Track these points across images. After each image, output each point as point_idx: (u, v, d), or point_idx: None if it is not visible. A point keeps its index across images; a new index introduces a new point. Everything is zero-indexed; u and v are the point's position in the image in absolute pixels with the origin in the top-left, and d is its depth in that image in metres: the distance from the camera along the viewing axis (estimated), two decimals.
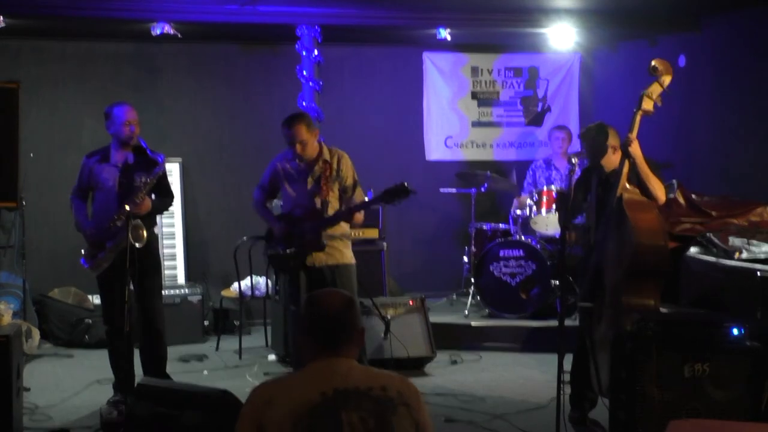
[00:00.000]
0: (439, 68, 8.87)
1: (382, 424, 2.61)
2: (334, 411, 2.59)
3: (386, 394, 2.66)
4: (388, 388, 2.67)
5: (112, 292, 5.32)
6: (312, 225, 5.34)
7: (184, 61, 8.37)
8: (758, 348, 4.06)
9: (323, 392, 2.61)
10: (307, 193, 5.45)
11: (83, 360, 6.85)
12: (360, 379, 2.67)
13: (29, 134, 7.48)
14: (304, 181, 5.47)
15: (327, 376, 2.66)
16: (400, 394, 2.68)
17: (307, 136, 5.38)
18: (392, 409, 2.64)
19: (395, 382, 2.71)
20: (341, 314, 2.74)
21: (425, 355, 6.48)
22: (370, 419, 2.61)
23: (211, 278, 8.15)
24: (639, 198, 4.74)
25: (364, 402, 2.62)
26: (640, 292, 4.62)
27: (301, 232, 5.38)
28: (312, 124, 5.49)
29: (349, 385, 2.64)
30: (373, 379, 2.70)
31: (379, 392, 2.65)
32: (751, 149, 7.38)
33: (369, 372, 2.75)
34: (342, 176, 5.48)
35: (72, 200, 5.55)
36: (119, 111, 5.39)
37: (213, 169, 8.45)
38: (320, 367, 2.69)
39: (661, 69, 4.75)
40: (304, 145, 5.39)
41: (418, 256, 8.84)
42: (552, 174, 7.75)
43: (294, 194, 5.51)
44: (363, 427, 2.59)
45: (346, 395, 2.62)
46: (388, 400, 2.65)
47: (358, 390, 2.64)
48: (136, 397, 3.96)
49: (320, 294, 2.89)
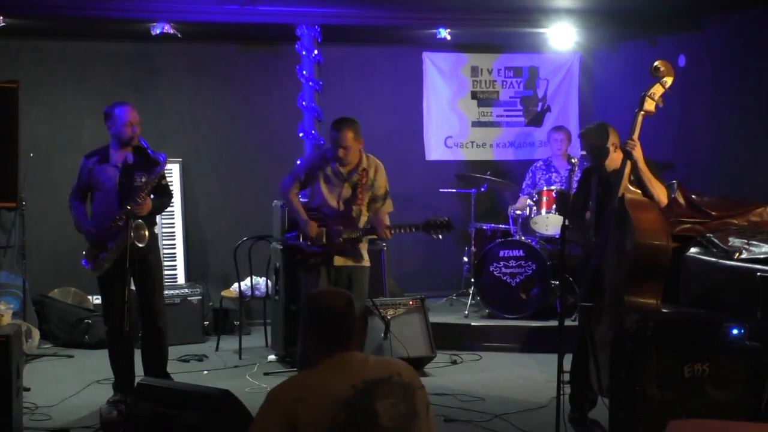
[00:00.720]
0: (439, 68, 8.87)
1: (409, 407, 2.78)
2: (369, 401, 2.71)
3: (403, 379, 2.81)
4: (402, 373, 2.83)
5: (112, 292, 5.33)
6: (345, 230, 5.45)
7: (184, 61, 8.37)
8: (758, 348, 4.07)
9: (354, 385, 2.71)
10: (340, 197, 5.52)
11: (83, 360, 6.85)
12: (378, 368, 2.81)
13: (29, 134, 7.47)
14: (340, 184, 5.54)
15: (351, 369, 2.77)
16: (412, 378, 2.85)
17: (353, 143, 5.45)
18: (412, 392, 2.81)
19: (404, 368, 2.87)
20: (345, 310, 2.86)
21: (425, 355, 6.48)
22: (401, 404, 2.76)
23: (211, 278, 8.14)
24: (641, 198, 4.74)
25: (391, 389, 2.77)
26: (642, 291, 4.63)
27: (330, 233, 5.47)
28: (359, 132, 5.51)
29: (374, 375, 2.77)
30: (387, 367, 2.84)
31: (398, 378, 2.80)
32: (751, 149, 7.37)
33: (382, 361, 2.90)
34: (376, 186, 5.57)
35: (70, 201, 5.54)
36: (120, 111, 5.39)
37: (213, 169, 8.45)
38: (340, 361, 2.79)
39: (663, 70, 4.75)
40: (347, 151, 5.45)
41: (418, 256, 8.84)
42: (552, 175, 7.74)
43: (327, 194, 5.56)
44: (396, 412, 2.74)
45: (376, 385, 2.74)
46: (407, 384, 2.81)
47: (382, 379, 2.77)
48: (136, 397, 3.96)
49: (321, 294, 3.06)
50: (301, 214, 5.55)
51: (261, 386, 5.99)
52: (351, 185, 5.52)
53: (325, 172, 5.55)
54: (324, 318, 2.84)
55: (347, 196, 5.53)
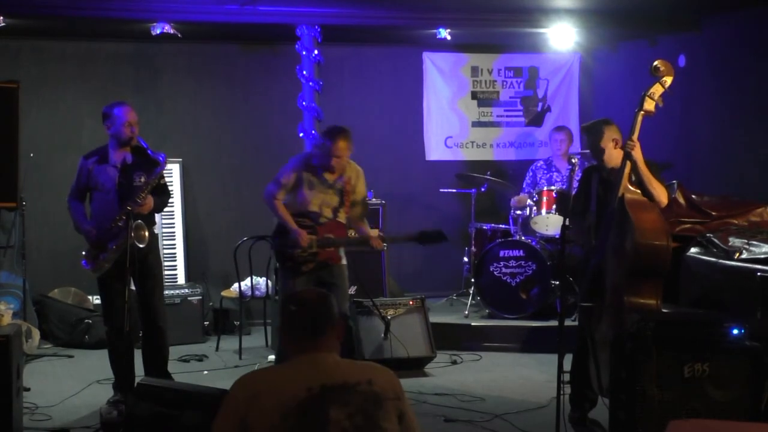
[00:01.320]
0: (439, 68, 8.87)
1: (368, 419, 2.65)
2: (323, 407, 2.61)
3: (372, 388, 2.69)
4: (374, 381, 2.71)
5: (112, 292, 5.33)
6: (336, 239, 5.56)
7: (184, 61, 8.37)
8: (758, 348, 4.06)
9: (310, 387, 2.63)
10: (325, 203, 5.58)
11: (83, 360, 6.85)
12: (347, 373, 2.71)
13: (29, 134, 7.47)
14: (325, 191, 5.59)
15: (313, 370, 2.68)
16: (385, 388, 2.72)
17: (346, 152, 5.50)
18: (379, 403, 2.68)
19: (379, 375, 2.75)
20: (318, 309, 2.80)
21: (425, 355, 6.48)
22: (358, 415, 2.64)
23: (211, 278, 8.14)
24: (641, 198, 4.74)
25: (351, 398, 2.65)
26: (642, 292, 4.63)
27: (323, 244, 5.54)
28: (351, 141, 5.54)
29: (336, 380, 2.67)
30: (360, 372, 2.74)
31: (366, 387, 2.69)
32: (751, 149, 7.37)
33: (354, 366, 2.80)
34: (357, 191, 5.67)
35: (69, 202, 5.53)
36: (119, 111, 5.38)
37: (213, 169, 8.45)
38: (305, 361, 2.72)
39: (663, 70, 4.75)
40: (340, 161, 5.50)
41: (418, 256, 8.84)
42: (553, 175, 7.74)
43: (312, 201, 5.60)
44: (350, 423, 2.62)
45: (334, 391, 2.64)
46: (375, 394, 2.69)
47: (345, 385, 2.67)
48: (136, 397, 3.96)
49: (298, 292, 3.01)
50: (290, 223, 5.56)
51: None
52: (336, 192, 5.57)
53: (310, 179, 5.58)
54: (296, 314, 2.79)
55: (334, 203, 5.61)
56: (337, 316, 2.85)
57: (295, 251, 5.53)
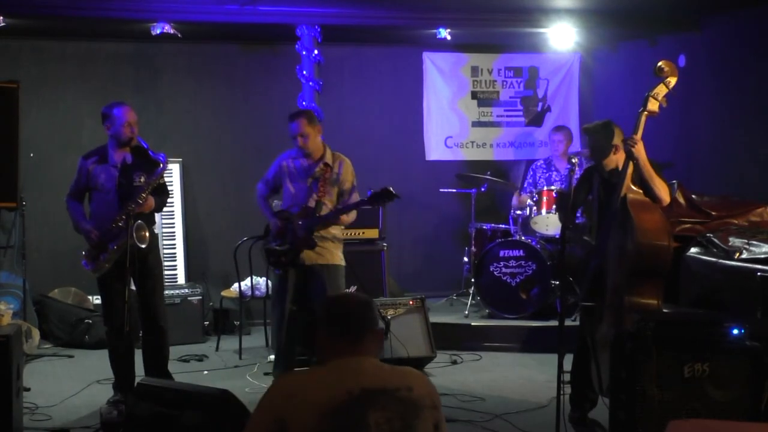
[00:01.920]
0: (439, 68, 8.87)
1: (406, 426, 2.64)
2: (362, 410, 2.61)
3: (412, 395, 2.68)
4: (413, 388, 2.70)
5: (112, 292, 5.33)
6: (304, 223, 5.49)
7: (184, 61, 8.37)
8: (758, 348, 4.06)
9: (350, 390, 2.62)
10: (306, 191, 5.58)
11: (83, 360, 6.85)
12: (387, 378, 2.70)
13: (29, 134, 7.48)
14: (305, 180, 5.60)
15: (353, 374, 2.67)
16: (424, 395, 2.71)
17: (308, 129, 5.54)
18: (417, 411, 2.67)
19: (419, 382, 2.74)
20: (362, 312, 2.79)
21: (425, 355, 6.48)
22: (396, 420, 2.63)
23: (211, 278, 8.14)
24: (643, 198, 4.74)
25: (391, 403, 2.64)
26: (643, 291, 4.63)
27: (293, 230, 5.51)
28: (314, 119, 5.64)
29: (377, 384, 2.66)
30: (400, 378, 2.72)
31: (406, 393, 2.68)
32: (751, 149, 7.38)
33: (395, 371, 2.77)
34: (341, 180, 5.62)
35: (68, 202, 5.53)
36: (119, 112, 5.38)
37: (213, 169, 8.45)
38: (345, 364, 2.71)
39: (667, 70, 4.76)
40: (305, 139, 5.55)
41: (418, 256, 8.85)
42: (552, 175, 7.74)
43: (294, 192, 5.66)
44: (389, 427, 2.62)
45: (374, 395, 2.64)
46: (414, 401, 2.68)
47: (385, 390, 2.66)
48: (136, 397, 3.96)
49: (339, 294, 2.93)
50: (268, 215, 5.69)
51: (261, 386, 5.98)
52: (314, 178, 5.58)
53: (291, 170, 5.66)
54: (339, 317, 2.78)
55: (310, 189, 5.60)
56: (378, 322, 2.84)
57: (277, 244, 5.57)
